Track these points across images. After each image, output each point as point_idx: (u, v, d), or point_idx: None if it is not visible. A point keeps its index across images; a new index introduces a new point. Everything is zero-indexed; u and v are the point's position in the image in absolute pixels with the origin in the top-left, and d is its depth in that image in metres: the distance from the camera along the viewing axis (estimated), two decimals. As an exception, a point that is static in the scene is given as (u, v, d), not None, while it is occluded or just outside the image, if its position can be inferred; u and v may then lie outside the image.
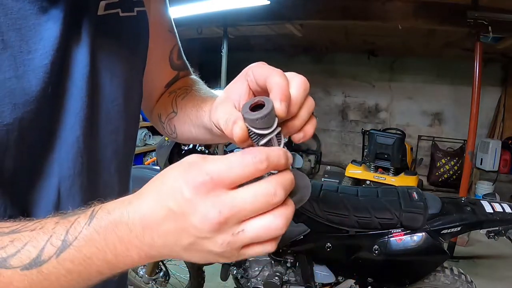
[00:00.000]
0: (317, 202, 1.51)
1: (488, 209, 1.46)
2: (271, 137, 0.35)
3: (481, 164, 4.45)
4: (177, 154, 1.86)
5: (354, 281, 1.63)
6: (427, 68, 5.22)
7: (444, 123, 5.35)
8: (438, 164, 4.98)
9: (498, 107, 4.94)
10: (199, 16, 3.61)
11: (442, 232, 1.44)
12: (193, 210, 0.30)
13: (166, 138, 1.86)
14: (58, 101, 0.44)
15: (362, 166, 3.88)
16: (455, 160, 4.90)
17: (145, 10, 0.55)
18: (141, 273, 2.06)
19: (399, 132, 4.16)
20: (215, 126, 0.44)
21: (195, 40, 5.39)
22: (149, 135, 4.85)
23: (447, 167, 4.93)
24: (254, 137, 0.35)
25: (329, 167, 5.78)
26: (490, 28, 2.90)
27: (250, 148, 0.31)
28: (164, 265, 2.04)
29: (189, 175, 0.31)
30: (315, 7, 3.63)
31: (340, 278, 1.62)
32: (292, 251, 1.62)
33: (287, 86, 0.36)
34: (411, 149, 4.84)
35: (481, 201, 1.52)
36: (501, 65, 4.86)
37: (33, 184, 0.44)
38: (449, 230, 1.44)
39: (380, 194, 1.58)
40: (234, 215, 0.30)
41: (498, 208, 1.46)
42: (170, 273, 2.08)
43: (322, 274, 1.62)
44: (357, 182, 3.86)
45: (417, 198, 1.52)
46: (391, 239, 1.46)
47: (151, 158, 4.33)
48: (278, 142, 0.36)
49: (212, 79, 3.35)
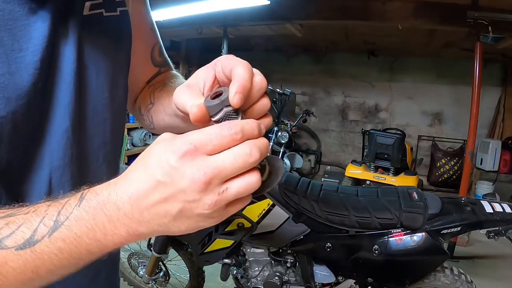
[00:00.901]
0: (317, 202, 1.51)
1: (488, 209, 1.46)
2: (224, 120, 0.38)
3: (481, 164, 4.44)
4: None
5: (354, 281, 1.63)
6: (427, 68, 5.21)
7: (444, 123, 5.35)
8: (438, 164, 4.98)
9: (498, 107, 4.94)
10: (199, 16, 3.61)
11: (442, 232, 1.44)
12: (181, 176, 0.33)
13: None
14: (48, 95, 0.47)
15: (362, 166, 3.88)
16: (455, 160, 4.90)
17: (127, 10, 0.58)
18: (141, 273, 2.06)
19: (399, 132, 4.15)
20: (178, 109, 0.46)
21: (195, 40, 5.39)
22: (149, 135, 4.86)
23: (447, 167, 4.93)
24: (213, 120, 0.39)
25: (329, 167, 5.78)
26: (490, 28, 2.90)
27: (229, 121, 0.35)
28: (164, 265, 2.04)
29: (173, 146, 0.34)
30: (315, 7, 3.63)
31: (340, 278, 1.62)
32: (292, 251, 1.62)
33: (247, 78, 0.38)
34: (411, 149, 4.84)
35: (481, 201, 1.52)
36: (501, 65, 4.85)
37: (26, 175, 0.47)
38: (449, 230, 1.44)
39: (380, 194, 1.58)
40: (218, 175, 0.33)
41: (498, 208, 1.46)
42: (170, 273, 2.08)
43: (322, 274, 1.62)
44: (357, 182, 3.85)
45: (417, 198, 1.52)
46: (391, 239, 1.46)
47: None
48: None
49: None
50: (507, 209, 1.46)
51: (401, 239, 1.45)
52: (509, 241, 1.50)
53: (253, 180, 0.35)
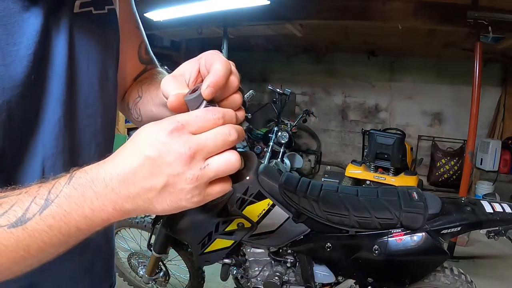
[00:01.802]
0: (317, 202, 1.51)
1: (488, 209, 1.45)
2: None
3: (481, 164, 4.45)
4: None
5: (354, 281, 1.63)
6: (427, 68, 5.22)
7: (444, 123, 5.35)
8: (438, 164, 4.98)
9: (498, 107, 4.94)
10: (199, 16, 3.62)
11: (442, 232, 1.44)
12: (168, 150, 0.36)
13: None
14: (41, 86, 0.50)
15: (362, 166, 3.88)
16: (455, 160, 4.90)
17: (114, 8, 0.61)
18: (141, 273, 2.06)
19: (399, 132, 4.15)
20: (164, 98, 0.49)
21: (195, 40, 5.39)
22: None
23: (447, 167, 4.94)
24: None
25: (329, 167, 5.78)
26: (490, 28, 2.90)
27: (213, 107, 0.40)
28: (164, 265, 2.04)
29: (162, 124, 0.37)
30: (315, 7, 3.63)
31: (340, 278, 1.62)
32: (292, 251, 1.62)
33: (222, 74, 0.41)
34: (411, 149, 4.84)
35: (481, 201, 1.52)
36: (501, 65, 4.85)
37: (19, 162, 0.49)
38: (449, 230, 1.43)
39: (380, 194, 1.58)
40: (200, 150, 0.36)
41: (498, 208, 1.46)
42: (170, 273, 2.08)
43: (322, 274, 1.61)
44: (357, 182, 3.85)
45: (417, 198, 1.52)
46: (391, 239, 1.46)
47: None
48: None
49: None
50: (507, 209, 1.46)
51: (401, 239, 1.45)
52: (509, 241, 1.50)
53: (231, 158, 0.38)
